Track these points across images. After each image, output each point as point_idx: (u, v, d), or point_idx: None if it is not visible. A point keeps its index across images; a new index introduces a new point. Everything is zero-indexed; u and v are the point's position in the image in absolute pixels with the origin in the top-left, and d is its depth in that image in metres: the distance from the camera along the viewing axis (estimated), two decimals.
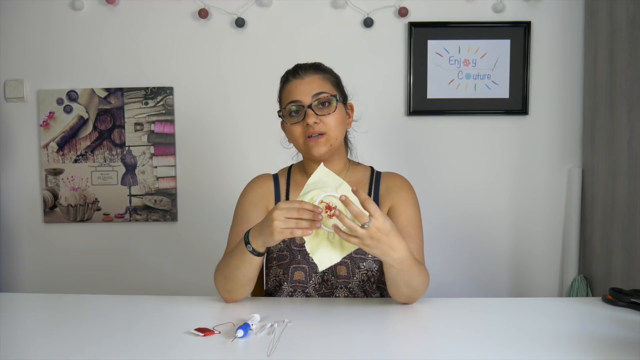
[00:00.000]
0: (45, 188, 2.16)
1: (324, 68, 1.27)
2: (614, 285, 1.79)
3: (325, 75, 1.25)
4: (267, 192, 1.29)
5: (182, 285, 2.16)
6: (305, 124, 1.19)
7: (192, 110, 2.15)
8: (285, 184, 1.32)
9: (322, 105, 1.20)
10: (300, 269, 1.24)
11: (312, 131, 1.18)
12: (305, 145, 1.21)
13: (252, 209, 1.26)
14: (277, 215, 0.98)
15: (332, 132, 1.20)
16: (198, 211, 2.17)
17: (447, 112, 2.12)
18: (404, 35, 2.11)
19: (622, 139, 1.80)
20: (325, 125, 1.19)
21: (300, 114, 1.20)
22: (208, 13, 2.09)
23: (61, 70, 2.14)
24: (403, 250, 1.02)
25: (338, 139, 1.23)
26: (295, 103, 1.20)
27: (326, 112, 1.20)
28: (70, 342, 0.93)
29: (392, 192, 1.27)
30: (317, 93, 1.19)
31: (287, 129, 1.25)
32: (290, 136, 1.25)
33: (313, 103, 1.19)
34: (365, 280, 1.24)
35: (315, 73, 1.23)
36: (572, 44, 2.10)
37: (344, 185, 1.01)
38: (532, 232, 2.16)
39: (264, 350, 0.87)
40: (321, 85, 1.22)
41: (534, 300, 1.26)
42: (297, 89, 1.21)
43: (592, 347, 0.88)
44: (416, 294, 1.12)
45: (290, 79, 1.24)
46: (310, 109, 1.18)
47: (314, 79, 1.22)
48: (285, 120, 1.23)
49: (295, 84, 1.22)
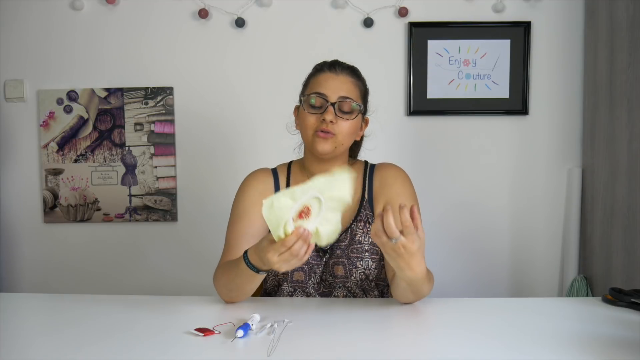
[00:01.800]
0: (45, 188, 2.16)
1: (359, 75, 1.28)
2: (614, 285, 1.79)
3: (358, 83, 1.25)
4: (266, 189, 1.28)
5: (182, 285, 2.16)
6: (321, 118, 1.19)
7: (192, 110, 2.15)
8: (285, 180, 1.31)
9: (343, 111, 1.20)
10: (300, 269, 1.24)
11: (325, 128, 1.18)
12: (313, 137, 1.20)
13: (251, 207, 1.24)
14: (273, 259, 0.96)
15: (342, 136, 1.21)
16: (198, 211, 2.17)
17: (447, 112, 2.12)
18: (404, 35, 2.11)
19: (622, 139, 1.80)
20: (338, 127, 1.20)
21: (321, 108, 1.20)
22: (208, 13, 2.09)
23: (61, 70, 2.14)
24: (419, 271, 1.00)
25: (344, 145, 1.23)
26: (320, 95, 1.20)
27: (345, 117, 1.20)
28: (70, 342, 0.93)
29: (385, 187, 1.26)
30: (344, 96, 1.20)
31: (300, 114, 1.24)
32: (301, 123, 1.24)
33: (337, 102, 1.20)
34: (364, 279, 1.24)
35: (349, 75, 1.24)
36: (572, 44, 2.10)
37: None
38: (532, 232, 2.16)
39: (264, 350, 0.87)
40: (351, 89, 1.22)
41: (534, 300, 1.26)
42: (328, 83, 1.21)
43: (592, 347, 0.88)
44: (420, 297, 1.13)
45: (325, 70, 1.24)
46: (332, 106, 1.19)
47: (347, 81, 1.22)
48: (304, 107, 1.23)
49: (327, 77, 1.22)
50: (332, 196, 0.97)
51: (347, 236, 1.24)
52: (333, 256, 1.23)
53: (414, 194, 1.26)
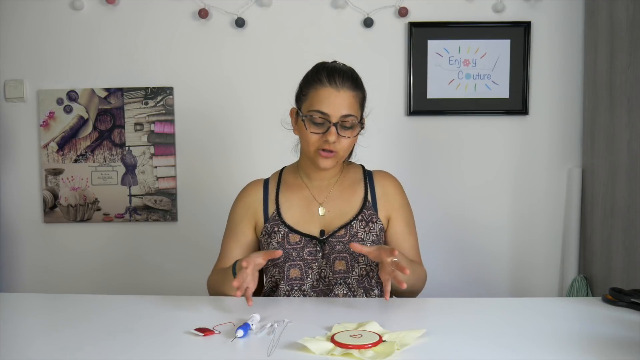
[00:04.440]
0: (45, 188, 2.16)
1: (358, 83, 1.26)
2: (614, 285, 1.79)
3: (357, 94, 1.25)
4: (254, 201, 1.33)
5: (182, 285, 2.16)
6: (324, 139, 1.20)
7: (192, 110, 2.15)
8: (275, 187, 1.35)
9: (345, 127, 1.22)
10: (296, 266, 1.25)
11: (328, 147, 1.21)
12: (315, 154, 1.23)
13: (239, 222, 1.33)
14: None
15: (343, 151, 1.24)
16: (198, 211, 2.17)
17: (447, 112, 2.12)
18: (404, 35, 2.11)
19: (622, 139, 1.80)
20: (340, 144, 1.22)
21: (323, 127, 1.21)
22: (208, 13, 2.09)
23: (61, 70, 2.14)
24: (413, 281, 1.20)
25: (345, 156, 1.28)
26: (323, 116, 1.21)
27: (347, 135, 1.22)
28: (70, 342, 0.93)
29: (388, 201, 1.33)
30: (346, 115, 1.21)
31: (301, 129, 1.25)
32: (302, 137, 1.26)
33: (339, 122, 1.20)
34: (364, 275, 1.24)
35: (350, 89, 1.22)
36: (572, 44, 2.10)
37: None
38: (532, 232, 2.16)
39: (264, 350, 0.87)
40: (351, 105, 1.22)
41: (534, 300, 1.26)
42: (329, 101, 1.20)
43: (592, 347, 0.88)
44: (416, 291, 1.29)
45: (324, 82, 1.21)
46: (334, 127, 1.20)
47: (348, 96, 1.22)
48: (305, 124, 1.22)
49: (329, 94, 1.21)
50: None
51: (347, 232, 1.25)
52: (334, 251, 1.25)
53: (408, 202, 1.37)
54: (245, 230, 1.33)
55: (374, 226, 1.27)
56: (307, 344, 0.85)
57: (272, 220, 1.29)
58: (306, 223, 1.28)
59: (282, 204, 1.31)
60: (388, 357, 0.83)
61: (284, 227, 1.27)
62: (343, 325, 0.96)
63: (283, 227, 1.27)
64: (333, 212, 1.29)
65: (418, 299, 1.20)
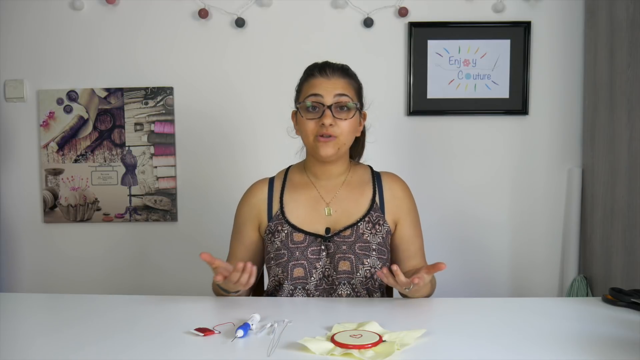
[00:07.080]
0: (45, 188, 2.16)
1: (350, 73, 1.29)
2: (614, 285, 1.79)
3: (350, 81, 1.27)
4: (258, 201, 1.33)
5: (182, 285, 2.16)
6: (320, 123, 1.20)
7: (192, 110, 2.15)
8: (281, 185, 1.34)
9: (340, 109, 1.22)
10: (299, 266, 1.24)
11: (325, 132, 1.20)
12: (315, 143, 1.22)
13: (242, 224, 1.34)
14: (216, 278, 1.13)
15: (344, 137, 1.23)
16: (198, 211, 2.17)
17: (447, 112, 2.12)
18: (404, 35, 2.11)
19: (622, 139, 1.80)
20: (339, 128, 1.21)
21: (318, 112, 1.22)
22: (208, 13, 2.09)
23: (61, 70, 2.14)
24: (426, 292, 1.22)
25: (347, 144, 1.26)
26: (316, 97, 1.22)
27: (343, 117, 1.22)
28: (70, 342, 0.93)
29: (397, 205, 1.32)
30: (340, 94, 1.21)
31: (299, 121, 1.26)
32: (301, 129, 1.26)
33: (333, 104, 1.21)
34: (369, 277, 1.24)
35: (341, 77, 1.25)
36: (572, 44, 2.10)
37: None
38: (532, 232, 2.16)
39: (264, 350, 0.87)
40: (344, 87, 1.24)
41: (534, 300, 1.26)
42: (322, 86, 1.23)
43: (592, 347, 0.88)
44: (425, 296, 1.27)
45: (316, 75, 1.25)
46: (329, 109, 1.20)
47: (339, 82, 1.24)
48: (301, 113, 1.24)
49: (321, 81, 1.24)
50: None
51: (354, 233, 1.25)
52: (339, 251, 1.24)
53: (415, 204, 1.36)
54: (249, 231, 1.32)
55: (381, 228, 1.27)
56: (307, 344, 0.86)
57: (275, 219, 1.29)
58: (312, 222, 1.27)
59: (287, 203, 1.30)
60: (388, 357, 0.83)
61: (287, 225, 1.27)
62: (343, 325, 0.96)
63: (287, 225, 1.27)
64: (340, 212, 1.29)
65: (418, 299, 1.20)
